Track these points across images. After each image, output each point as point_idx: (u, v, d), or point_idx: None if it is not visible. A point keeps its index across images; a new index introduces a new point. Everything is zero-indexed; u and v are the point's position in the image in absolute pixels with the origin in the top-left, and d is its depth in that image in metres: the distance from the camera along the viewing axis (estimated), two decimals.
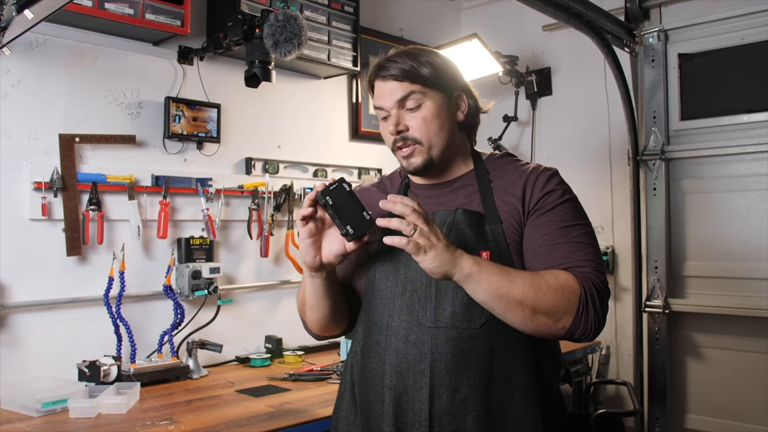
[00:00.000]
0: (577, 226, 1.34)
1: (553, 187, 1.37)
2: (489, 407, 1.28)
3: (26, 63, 2.23)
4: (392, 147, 1.42)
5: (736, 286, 2.89)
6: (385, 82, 1.39)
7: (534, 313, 1.22)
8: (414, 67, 1.37)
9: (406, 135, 1.39)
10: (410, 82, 1.37)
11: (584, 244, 1.32)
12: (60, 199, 2.26)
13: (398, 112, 1.38)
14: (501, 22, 3.74)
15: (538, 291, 1.23)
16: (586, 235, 1.34)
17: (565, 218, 1.34)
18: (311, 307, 1.44)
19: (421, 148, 1.39)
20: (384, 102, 1.40)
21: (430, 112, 1.38)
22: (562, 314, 1.24)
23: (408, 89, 1.37)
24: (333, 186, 1.29)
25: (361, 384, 1.38)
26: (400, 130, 1.38)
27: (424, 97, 1.38)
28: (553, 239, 1.31)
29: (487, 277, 1.21)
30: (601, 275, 1.30)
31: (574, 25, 2.61)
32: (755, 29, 2.85)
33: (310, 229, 1.33)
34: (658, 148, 3.03)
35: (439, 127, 1.39)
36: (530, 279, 1.24)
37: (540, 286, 1.23)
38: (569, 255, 1.30)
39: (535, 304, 1.22)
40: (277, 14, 2.26)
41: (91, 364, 2.14)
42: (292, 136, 3.04)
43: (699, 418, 3.04)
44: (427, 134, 1.38)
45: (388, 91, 1.39)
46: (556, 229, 1.32)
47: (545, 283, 1.24)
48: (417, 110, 1.38)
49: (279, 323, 2.90)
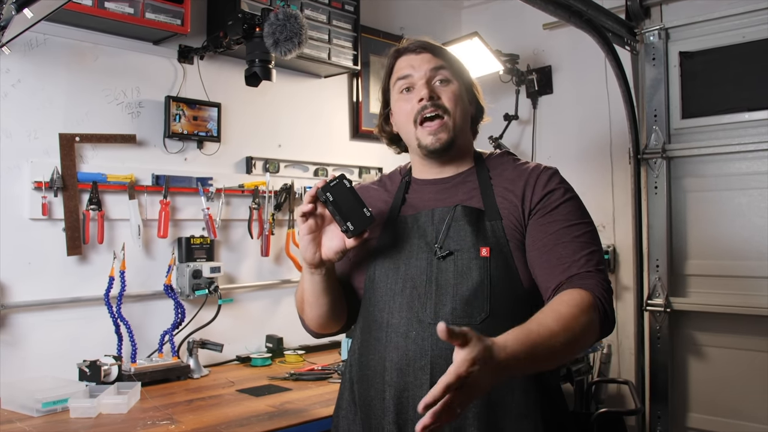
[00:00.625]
0: (580, 224, 1.34)
1: (554, 186, 1.37)
2: (489, 404, 1.28)
3: (26, 62, 2.23)
4: (416, 119, 1.40)
5: (737, 284, 2.89)
6: (417, 54, 1.43)
7: (574, 355, 1.28)
8: (450, 54, 1.46)
9: (439, 102, 1.39)
10: (442, 59, 1.43)
11: (587, 243, 1.31)
12: (60, 199, 2.26)
13: (429, 83, 1.40)
14: (501, 20, 3.73)
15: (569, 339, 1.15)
16: (589, 234, 1.34)
17: (568, 217, 1.33)
18: (310, 305, 1.44)
19: (448, 120, 1.39)
20: (414, 71, 1.42)
21: (458, 90, 1.42)
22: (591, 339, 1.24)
23: (441, 63, 1.42)
24: (334, 182, 1.29)
25: (361, 381, 1.38)
26: (432, 96, 1.39)
27: (452, 75, 1.43)
28: (556, 239, 1.31)
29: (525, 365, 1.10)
30: (604, 275, 1.29)
31: (574, 23, 2.61)
32: (756, 27, 2.84)
33: (310, 226, 1.33)
34: (659, 146, 3.02)
35: (463, 107, 1.43)
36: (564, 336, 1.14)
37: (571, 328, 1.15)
38: (572, 254, 1.29)
39: (571, 352, 1.21)
40: (278, 13, 2.25)
41: (92, 364, 2.14)
42: (292, 135, 3.04)
43: (700, 416, 3.04)
44: (455, 109, 1.41)
45: (421, 60, 1.42)
46: (559, 228, 1.32)
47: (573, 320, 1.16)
48: (447, 85, 1.41)
49: (280, 322, 2.89)
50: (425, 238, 1.37)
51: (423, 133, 1.40)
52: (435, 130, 1.39)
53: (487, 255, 1.31)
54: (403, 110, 1.43)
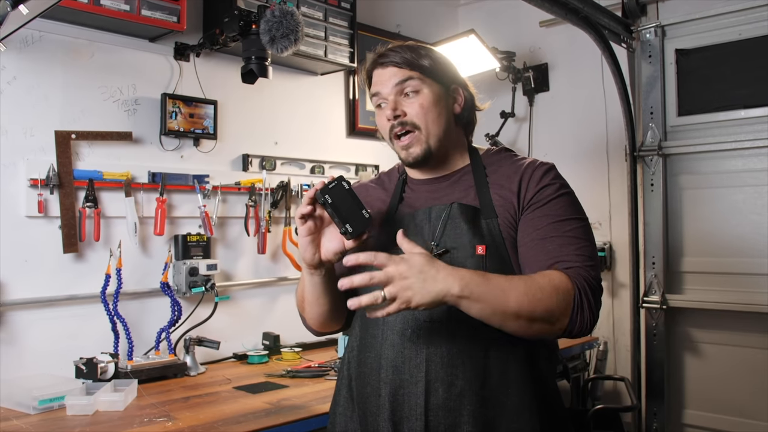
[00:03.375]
0: (571, 220, 1.33)
1: (549, 181, 1.36)
2: (485, 401, 1.28)
3: (22, 59, 2.22)
4: (389, 136, 1.41)
5: (733, 281, 2.90)
6: (384, 69, 1.40)
7: (530, 322, 1.20)
8: (413, 57, 1.39)
9: (404, 120, 1.38)
10: (409, 69, 1.38)
11: (577, 239, 1.30)
12: (56, 196, 2.25)
13: (396, 98, 1.39)
14: (498, 17, 3.73)
15: (532, 298, 1.19)
16: (581, 230, 1.33)
17: (559, 212, 1.33)
18: (311, 304, 1.44)
19: (419, 135, 1.38)
20: (382, 88, 1.40)
21: (428, 100, 1.39)
22: (557, 317, 1.22)
23: (407, 74, 1.38)
24: (332, 184, 1.28)
25: (358, 379, 1.38)
26: (398, 114, 1.38)
27: (422, 84, 1.39)
28: (545, 233, 1.30)
29: (479, 295, 1.16)
30: (593, 270, 1.28)
31: (571, 20, 2.61)
32: (753, 24, 2.85)
33: (309, 228, 1.32)
34: (656, 143, 3.03)
35: (437, 115, 1.39)
36: (524, 287, 1.20)
37: (534, 292, 1.20)
38: (561, 249, 1.28)
39: (530, 313, 1.19)
40: (274, 10, 2.25)
41: (89, 362, 2.14)
42: (289, 132, 3.03)
43: (696, 413, 3.05)
44: (425, 121, 1.38)
45: (387, 76, 1.39)
46: (549, 223, 1.31)
47: (539, 288, 1.21)
48: (415, 96, 1.38)
49: (276, 320, 2.89)
50: (422, 236, 1.37)
51: (398, 147, 1.42)
52: (406, 145, 1.39)
53: (483, 253, 1.31)
54: (380, 125, 1.44)
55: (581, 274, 1.25)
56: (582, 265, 1.27)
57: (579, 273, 1.25)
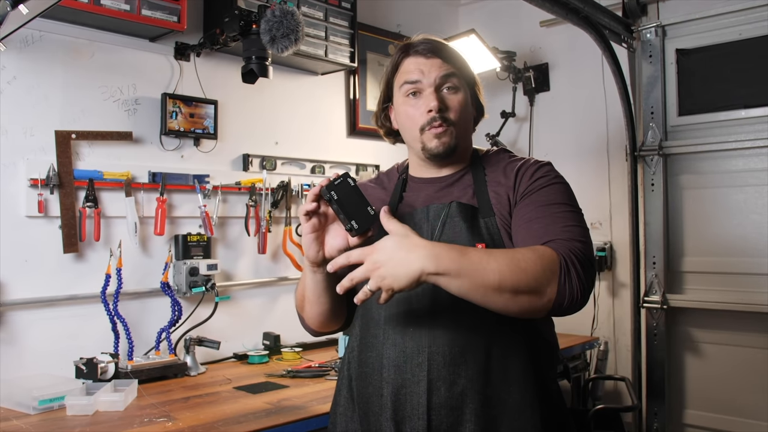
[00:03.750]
0: (560, 204, 1.31)
1: (542, 174, 1.36)
2: (487, 400, 1.27)
3: (22, 59, 2.22)
4: (423, 126, 1.39)
5: (734, 281, 2.89)
6: (427, 59, 1.40)
7: (514, 295, 1.15)
8: (458, 57, 1.43)
9: (447, 115, 1.38)
10: (452, 66, 1.41)
11: (564, 219, 1.28)
12: (56, 196, 2.25)
13: (437, 91, 1.39)
14: (498, 17, 3.73)
15: (514, 269, 1.15)
16: (570, 214, 1.30)
17: (549, 198, 1.31)
18: (311, 303, 1.44)
19: (453, 130, 1.39)
20: (423, 77, 1.39)
21: (464, 99, 1.41)
22: (544, 287, 1.16)
23: (451, 70, 1.40)
24: (338, 181, 1.28)
25: (359, 379, 1.38)
26: (441, 108, 1.38)
27: (460, 82, 1.41)
28: (532, 215, 1.29)
29: (456, 270, 1.13)
30: (581, 245, 1.23)
31: (571, 20, 2.61)
32: (753, 24, 2.85)
33: (314, 224, 1.32)
34: (656, 143, 3.03)
35: (469, 116, 1.44)
36: (504, 259, 1.16)
37: (516, 263, 1.16)
38: (546, 227, 1.26)
39: (514, 285, 1.14)
40: (274, 10, 2.25)
41: (89, 362, 2.14)
42: (289, 132, 3.03)
43: (697, 413, 3.05)
44: (461, 119, 1.40)
45: (431, 66, 1.39)
46: (537, 207, 1.30)
47: (521, 258, 1.17)
48: (455, 93, 1.40)
49: (277, 320, 2.89)
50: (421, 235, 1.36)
51: (429, 136, 1.39)
52: (440, 134, 1.38)
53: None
54: (408, 115, 1.42)
55: (566, 246, 1.22)
56: (566, 238, 1.23)
57: (563, 245, 1.22)
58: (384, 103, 1.51)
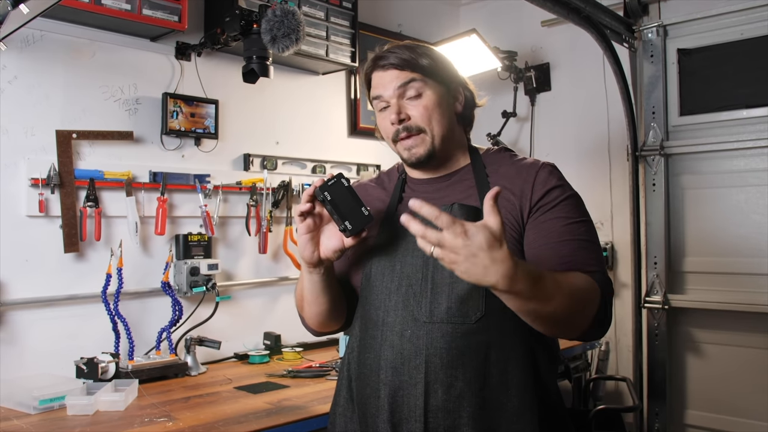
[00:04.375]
0: (581, 222, 1.34)
1: (554, 183, 1.36)
2: (484, 403, 1.27)
3: (23, 59, 2.22)
4: (393, 138, 1.41)
5: (735, 281, 2.89)
6: (384, 71, 1.39)
7: (559, 323, 1.21)
8: (413, 58, 1.38)
9: (409, 124, 1.37)
10: (411, 71, 1.37)
11: (589, 242, 1.32)
12: (57, 196, 2.25)
13: (399, 101, 1.38)
14: (500, 17, 3.73)
15: (572, 305, 1.18)
16: (590, 233, 1.35)
17: (569, 215, 1.33)
18: (309, 303, 1.44)
19: (424, 137, 1.38)
20: (384, 91, 1.39)
21: (432, 101, 1.38)
22: (580, 325, 1.24)
23: (408, 76, 1.37)
24: (331, 181, 1.28)
25: (358, 380, 1.38)
26: (402, 118, 1.37)
27: (424, 85, 1.38)
28: (559, 236, 1.30)
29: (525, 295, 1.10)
30: (606, 275, 1.30)
31: (573, 20, 2.61)
32: (754, 24, 2.84)
33: (309, 225, 1.32)
34: (657, 143, 3.02)
35: (441, 116, 1.39)
36: (568, 293, 1.17)
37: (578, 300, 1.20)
38: (576, 253, 1.29)
39: (563, 318, 1.19)
40: (275, 9, 2.25)
41: (89, 361, 2.14)
42: (290, 132, 3.03)
43: (698, 413, 3.04)
44: (430, 122, 1.38)
45: (388, 79, 1.38)
46: (561, 226, 1.31)
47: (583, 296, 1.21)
48: (418, 99, 1.38)
49: (278, 320, 2.89)
50: None
51: (401, 148, 1.41)
52: (410, 146, 1.39)
53: None
54: (382, 128, 1.43)
55: (602, 280, 1.27)
56: (601, 269, 1.29)
57: (601, 281, 1.27)
58: None
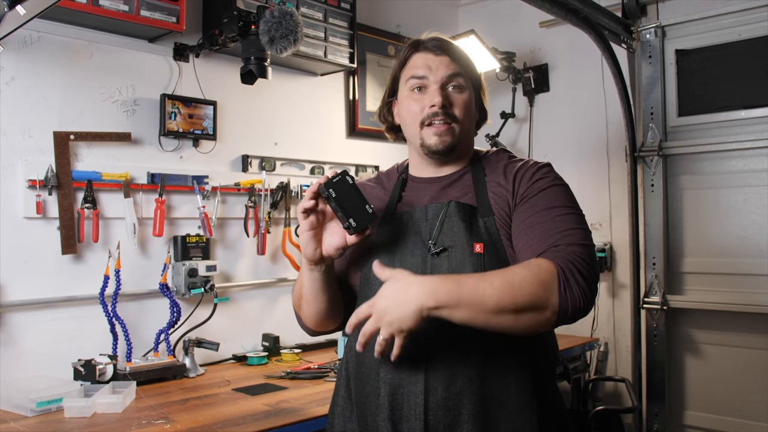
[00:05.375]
0: (560, 207, 1.30)
1: (541, 175, 1.36)
2: (484, 400, 1.27)
3: (20, 60, 2.21)
4: (423, 120, 1.40)
5: (734, 282, 2.89)
6: (436, 55, 1.42)
7: (516, 314, 1.16)
8: (466, 58, 1.45)
9: (451, 112, 1.39)
10: (459, 66, 1.42)
11: (564, 222, 1.27)
12: (55, 197, 2.24)
13: (443, 88, 1.40)
14: (498, 18, 3.73)
15: (510, 290, 1.15)
16: (571, 216, 1.30)
17: (549, 201, 1.31)
18: (308, 302, 1.44)
19: (455, 128, 1.40)
20: (431, 73, 1.41)
21: (469, 99, 1.43)
22: (544, 302, 1.16)
23: (458, 70, 1.42)
24: (336, 178, 1.28)
25: (357, 378, 1.38)
26: (445, 104, 1.39)
27: (467, 83, 1.43)
28: (534, 221, 1.29)
29: (455, 301, 1.14)
30: (582, 249, 1.23)
31: (571, 21, 2.61)
32: (753, 25, 2.85)
33: (311, 222, 1.32)
34: (656, 144, 3.03)
35: (471, 116, 1.45)
36: (498, 281, 1.16)
37: (511, 283, 1.16)
38: (547, 233, 1.25)
39: (513, 305, 1.15)
40: (273, 10, 2.24)
41: (87, 363, 2.13)
42: (288, 133, 3.03)
43: (697, 414, 3.04)
44: (465, 117, 1.42)
45: (439, 63, 1.41)
46: (538, 211, 1.30)
47: (516, 277, 1.17)
48: (461, 92, 1.41)
49: (276, 321, 2.89)
50: (420, 235, 1.36)
51: (428, 132, 1.40)
52: (441, 132, 1.39)
53: (480, 251, 1.30)
54: (410, 110, 1.42)
55: (564, 254, 1.21)
56: (565, 243, 1.23)
57: (561, 254, 1.21)
58: (389, 97, 1.51)
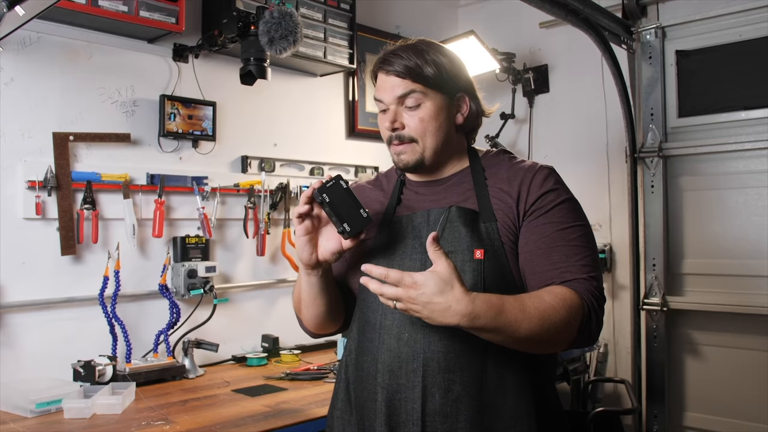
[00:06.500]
0: (575, 227, 1.32)
1: (550, 186, 1.35)
2: (482, 407, 1.26)
3: (19, 61, 2.21)
4: (387, 141, 1.41)
5: (734, 283, 2.89)
6: (387, 76, 1.37)
7: (539, 343, 1.22)
8: (418, 66, 1.34)
9: (401, 133, 1.37)
10: (412, 81, 1.35)
11: (582, 248, 1.30)
12: (54, 198, 2.24)
13: (396, 109, 1.37)
14: (498, 18, 3.72)
15: (545, 325, 1.18)
16: (584, 238, 1.32)
17: (563, 219, 1.32)
18: (307, 305, 1.44)
19: (415, 146, 1.37)
20: (384, 96, 1.38)
21: (429, 113, 1.36)
22: (566, 337, 1.23)
23: (409, 88, 1.35)
24: (330, 183, 1.28)
25: (356, 383, 1.37)
26: (396, 127, 1.37)
27: (424, 97, 1.36)
28: (551, 242, 1.30)
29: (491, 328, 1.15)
30: (597, 281, 1.29)
31: (571, 21, 2.60)
32: (753, 26, 2.85)
33: (307, 227, 1.32)
34: (656, 145, 3.02)
35: (436, 129, 1.37)
36: (539, 316, 1.18)
37: (549, 320, 1.19)
38: (567, 259, 1.28)
39: (541, 337, 1.19)
40: (273, 11, 2.24)
41: (86, 364, 2.13)
42: (288, 134, 3.03)
43: (697, 415, 3.04)
44: (423, 134, 1.37)
45: (389, 86, 1.37)
46: (554, 231, 1.30)
47: (555, 316, 1.19)
48: (416, 109, 1.36)
49: (275, 322, 2.89)
50: (420, 239, 1.35)
51: (392, 152, 1.42)
52: (399, 152, 1.39)
53: (481, 257, 1.29)
54: (380, 129, 1.44)
55: (588, 288, 1.26)
56: (587, 276, 1.27)
57: (585, 287, 1.26)
58: None
